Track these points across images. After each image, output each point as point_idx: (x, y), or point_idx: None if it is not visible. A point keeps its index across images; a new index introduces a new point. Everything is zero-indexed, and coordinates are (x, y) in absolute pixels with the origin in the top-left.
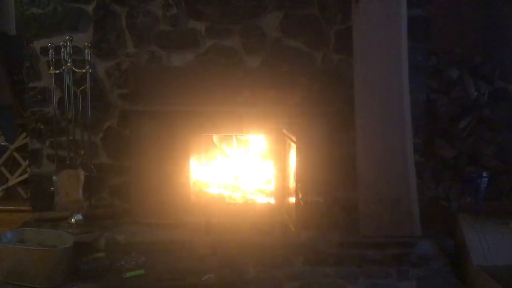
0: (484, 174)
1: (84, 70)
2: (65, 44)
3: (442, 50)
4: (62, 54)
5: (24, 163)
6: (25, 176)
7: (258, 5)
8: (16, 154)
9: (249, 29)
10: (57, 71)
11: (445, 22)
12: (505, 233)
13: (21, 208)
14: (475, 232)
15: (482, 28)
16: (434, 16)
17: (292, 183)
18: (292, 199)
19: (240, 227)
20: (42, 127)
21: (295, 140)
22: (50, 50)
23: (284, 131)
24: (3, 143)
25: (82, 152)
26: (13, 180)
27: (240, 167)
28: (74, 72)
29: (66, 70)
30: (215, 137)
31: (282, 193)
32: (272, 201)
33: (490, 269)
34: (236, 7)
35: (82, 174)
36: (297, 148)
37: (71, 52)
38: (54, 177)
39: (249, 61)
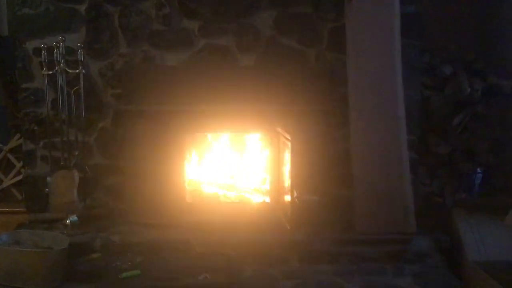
0: (479, 170)
1: (77, 71)
2: (58, 44)
3: (435, 47)
4: (55, 55)
5: (18, 164)
6: (20, 177)
7: (251, 3)
8: (10, 155)
9: (243, 27)
10: (50, 72)
11: (439, 19)
12: (500, 229)
13: (16, 209)
14: (470, 228)
15: (476, 24)
16: (427, 13)
17: (287, 181)
18: (287, 197)
19: (236, 226)
20: (35, 128)
21: (289, 138)
22: (43, 51)
23: (279, 129)
24: None
25: (76, 153)
26: (7, 182)
27: (235, 166)
28: (67, 72)
29: (59, 71)
30: (209, 136)
31: (277, 191)
32: (267, 199)
33: (486, 265)
34: (230, 6)
35: (76, 174)
36: (291, 146)
37: (64, 52)
38: (48, 178)
39: (243, 60)
